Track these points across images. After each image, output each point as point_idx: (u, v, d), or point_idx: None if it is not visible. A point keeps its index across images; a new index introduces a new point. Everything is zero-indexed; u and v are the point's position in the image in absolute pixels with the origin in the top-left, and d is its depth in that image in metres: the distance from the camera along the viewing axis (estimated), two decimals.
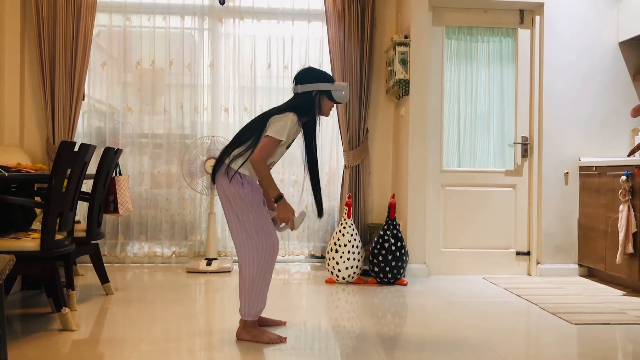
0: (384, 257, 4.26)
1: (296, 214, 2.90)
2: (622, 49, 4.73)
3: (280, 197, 2.82)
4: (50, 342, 2.78)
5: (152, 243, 5.09)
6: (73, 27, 4.84)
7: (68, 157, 2.96)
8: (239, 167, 2.81)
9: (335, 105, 3.03)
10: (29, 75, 5.00)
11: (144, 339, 2.86)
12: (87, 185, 4.42)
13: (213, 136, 4.94)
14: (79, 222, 3.98)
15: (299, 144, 5.07)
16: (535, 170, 4.77)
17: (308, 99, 2.92)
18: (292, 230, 2.92)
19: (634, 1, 4.51)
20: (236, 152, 2.83)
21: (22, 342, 2.77)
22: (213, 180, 2.91)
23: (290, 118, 2.82)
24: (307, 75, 2.96)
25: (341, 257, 4.27)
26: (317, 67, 5.14)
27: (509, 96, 4.86)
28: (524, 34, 4.83)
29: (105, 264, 3.88)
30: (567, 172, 4.71)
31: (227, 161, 2.83)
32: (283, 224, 2.92)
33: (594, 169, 4.47)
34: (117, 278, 4.41)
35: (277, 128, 2.80)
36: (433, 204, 4.76)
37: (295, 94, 2.95)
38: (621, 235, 3.98)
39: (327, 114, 3.03)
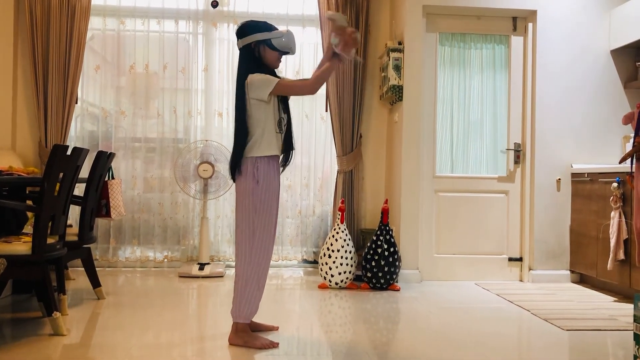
0: (376, 263, 4.26)
1: (339, 17, 2.75)
2: (614, 56, 4.77)
3: (333, 55, 2.77)
4: (40, 347, 2.76)
5: (144, 247, 5.07)
6: (67, 30, 4.82)
7: (60, 160, 2.95)
8: (251, 153, 2.82)
9: (280, 55, 2.90)
10: (21, 78, 4.98)
11: (135, 344, 2.85)
12: (79, 189, 4.40)
13: (206, 140, 4.93)
14: (70, 225, 3.97)
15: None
16: (528, 177, 4.79)
17: (249, 53, 2.87)
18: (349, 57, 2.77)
19: (625, 10, 4.55)
20: (247, 143, 2.83)
21: (12, 347, 2.75)
22: (233, 177, 2.90)
23: (256, 76, 2.80)
24: (244, 29, 2.88)
25: (334, 262, 4.27)
26: (311, 73, 5.19)
27: (502, 103, 4.88)
28: (516, 41, 4.86)
29: (97, 268, 3.86)
30: (559, 179, 4.74)
31: (245, 155, 2.83)
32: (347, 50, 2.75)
33: (586, 176, 4.49)
34: (108, 282, 4.39)
35: (264, 83, 2.78)
36: (426, 209, 4.77)
37: (239, 51, 2.91)
38: (612, 241, 4.00)
39: (275, 65, 2.92)
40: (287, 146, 2.97)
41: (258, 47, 2.87)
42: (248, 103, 2.84)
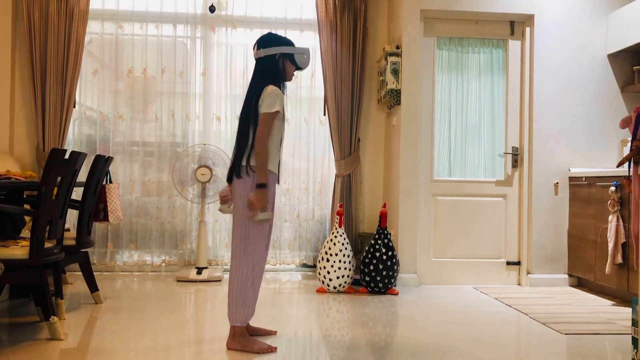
0: (375, 267, 4.26)
1: (265, 215, 2.82)
2: (611, 60, 4.78)
3: (262, 186, 2.79)
4: (38, 352, 2.76)
5: (141, 251, 5.06)
6: (65, 34, 4.83)
7: (58, 164, 2.95)
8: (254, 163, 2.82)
9: (296, 69, 3.01)
10: (19, 82, 4.97)
11: (133, 349, 2.84)
12: (77, 193, 4.40)
13: (204, 144, 4.93)
14: (68, 230, 3.96)
15: (289, 152, 5.07)
16: (526, 181, 4.80)
17: (272, 62, 2.93)
18: (249, 218, 2.81)
19: (623, 14, 4.57)
20: (247, 150, 2.84)
21: (9, 352, 2.74)
22: (229, 179, 2.91)
23: (273, 90, 2.84)
24: (269, 39, 2.97)
25: (332, 266, 4.27)
26: (309, 77, 5.21)
27: (500, 107, 4.89)
28: (514, 45, 4.87)
29: (94, 273, 3.85)
30: (557, 183, 4.74)
31: (243, 163, 2.84)
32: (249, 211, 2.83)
33: (584, 180, 4.50)
34: (106, 287, 4.38)
35: (268, 103, 2.82)
36: (424, 213, 4.77)
37: (258, 60, 2.95)
38: (610, 245, 4.00)
39: (291, 79, 3.03)
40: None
41: (282, 60, 2.94)
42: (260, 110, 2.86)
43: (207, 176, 4.77)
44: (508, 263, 4.83)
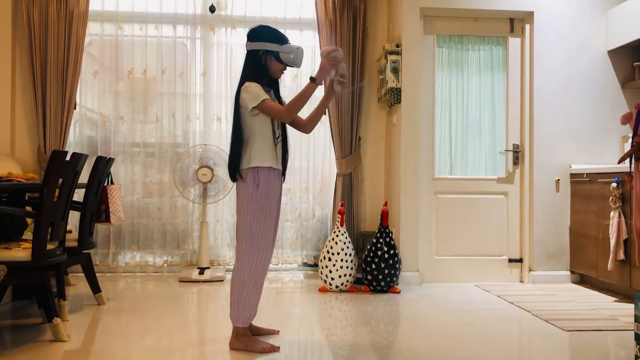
0: (377, 265, 4.26)
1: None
2: (611, 57, 4.78)
3: (313, 79, 2.83)
4: (41, 353, 2.76)
5: (144, 252, 5.07)
6: (65, 35, 4.83)
7: (60, 166, 2.95)
8: (251, 164, 2.83)
9: (284, 67, 2.94)
10: (20, 84, 4.98)
11: (136, 350, 2.84)
12: (78, 195, 4.40)
13: (205, 145, 4.93)
14: (70, 231, 3.97)
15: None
16: (527, 178, 4.80)
17: (255, 58, 2.89)
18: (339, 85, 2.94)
19: (623, 10, 4.56)
20: (241, 152, 2.85)
21: (12, 353, 2.75)
22: (233, 179, 2.91)
23: (249, 85, 2.82)
24: (256, 33, 2.92)
25: (334, 265, 4.27)
26: (308, 76, 5.20)
27: (500, 104, 4.89)
28: (514, 42, 4.87)
29: (97, 274, 3.86)
30: (559, 179, 4.74)
31: (239, 166, 2.85)
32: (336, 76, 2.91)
33: (585, 176, 4.50)
34: (108, 288, 4.38)
35: (252, 98, 2.79)
36: (425, 211, 4.77)
37: (246, 53, 2.93)
38: (612, 241, 4.00)
39: (277, 76, 2.97)
40: (283, 161, 3.00)
41: (265, 56, 2.90)
42: (241, 109, 2.86)
43: (209, 176, 4.77)
44: (510, 260, 4.82)
